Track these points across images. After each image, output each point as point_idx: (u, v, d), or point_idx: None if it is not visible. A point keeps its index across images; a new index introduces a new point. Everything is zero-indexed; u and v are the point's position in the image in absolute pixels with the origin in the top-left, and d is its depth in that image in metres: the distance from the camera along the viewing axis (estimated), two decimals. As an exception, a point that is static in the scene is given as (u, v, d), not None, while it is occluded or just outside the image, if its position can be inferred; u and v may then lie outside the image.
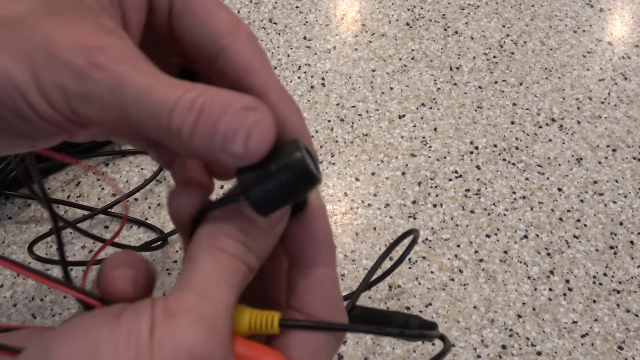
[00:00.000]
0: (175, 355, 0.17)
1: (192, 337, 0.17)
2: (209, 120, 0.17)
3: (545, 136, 0.49)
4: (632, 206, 0.45)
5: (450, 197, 0.45)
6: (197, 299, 0.18)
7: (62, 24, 0.18)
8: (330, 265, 0.22)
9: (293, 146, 0.18)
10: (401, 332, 0.25)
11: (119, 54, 0.18)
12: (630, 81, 0.53)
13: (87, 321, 0.18)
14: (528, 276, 0.41)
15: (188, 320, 0.17)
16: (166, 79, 0.18)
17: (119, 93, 0.17)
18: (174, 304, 0.18)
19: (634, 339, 0.39)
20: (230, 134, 0.17)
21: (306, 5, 0.59)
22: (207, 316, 0.18)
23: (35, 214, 0.44)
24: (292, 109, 0.21)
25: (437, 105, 0.51)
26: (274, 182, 0.18)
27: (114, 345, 0.17)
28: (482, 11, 0.59)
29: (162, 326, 0.17)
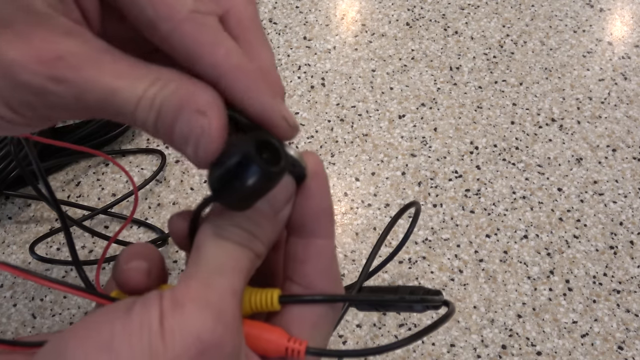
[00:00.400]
0: (185, 342, 0.17)
1: (201, 323, 0.17)
2: (166, 122, 0.18)
3: (545, 136, 0.49)
4: (632, 206, 0.45)
5: (450, 197, 0.45)
6: (203, 286, 0.18)
7: (15, 40, 0.18)
8: (329, 238, 0.22)
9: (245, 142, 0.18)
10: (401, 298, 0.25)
11: (79, 59, 0.18)
12: (630, 81, 0.53)
13: (99, 317, 0.18)
14: (528, 276, 0.41)
15: (195, 307, 0.18)
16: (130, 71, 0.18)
17: (83, 100, 0.18)
18: (181, 293, 0.18)
19: (634, 339, 0.39)
20: (183, 140, 0.18)
21: (306, 5, 0.59)
22: (213, 302, 0.18)
23: (35, 214, 0.44)
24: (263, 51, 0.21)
25: (437, 105, 0.51)
26: (235, 182, 0.18)
27: (127, 338, 0.17)
28: (482, 11, 0.59)
29: (170, 316, 0.18)
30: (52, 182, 0.46)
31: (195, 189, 0.46)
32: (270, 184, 0.19)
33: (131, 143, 0.49)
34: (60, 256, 0.42)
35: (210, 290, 0.18)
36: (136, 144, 0.49)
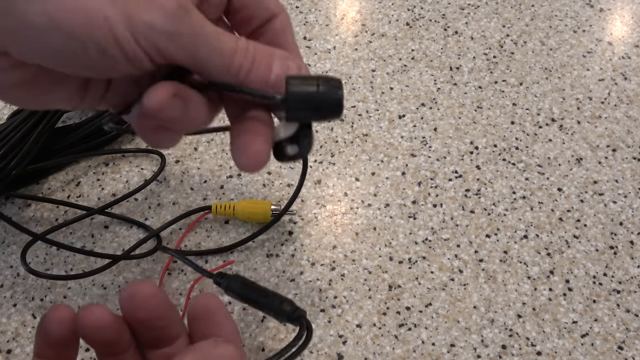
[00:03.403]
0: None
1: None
2: (262, 65, 0.23)
3: (545, 136, 0.49)
4: (632, 206, 0.45)
5: (450, 197, 0.45)
6: None
7: None
8: None
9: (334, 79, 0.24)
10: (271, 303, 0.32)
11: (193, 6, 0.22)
12: (630, 81, 0.53)
13: None
14: (528, 276, 0.41)
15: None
16: (221, 29, 0.23)
17: (199, 35, 0.22)
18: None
19: (634, 339, 0.39)
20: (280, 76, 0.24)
21: (306, 5, 0.59)
22: None
23: (35, 214, 0.44)
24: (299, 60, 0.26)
25: (437, 105, 0.51)
26: (312, 89, 0.23)
27: None
28: (482, 11, 0.59)
29: None
30: (52, 182, 0.46)
31: (195, 189, 0.46)
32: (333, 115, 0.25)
33: (131, 143, 0.49)
34: (60, 256, 0.42)
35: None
36: (136, 144, 0.49)
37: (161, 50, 0.22)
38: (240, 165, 0.25)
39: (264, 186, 0.46)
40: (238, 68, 0.23)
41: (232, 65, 0.23)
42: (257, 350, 0.38)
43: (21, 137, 0.41)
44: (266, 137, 0.25)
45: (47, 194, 0.45)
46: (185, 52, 0.22)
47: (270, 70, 0.23)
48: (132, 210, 0.44)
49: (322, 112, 0.24)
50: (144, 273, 0.41)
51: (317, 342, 0.38)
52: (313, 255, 0.42)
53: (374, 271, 0.41)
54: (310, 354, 0.38)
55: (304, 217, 0.44)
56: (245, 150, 0.25)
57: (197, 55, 0.22)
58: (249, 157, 0.25)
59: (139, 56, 0.22)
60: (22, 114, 0.43)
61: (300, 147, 0.26)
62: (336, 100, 0.24)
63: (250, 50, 0.23)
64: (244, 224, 0.44)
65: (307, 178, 0.46)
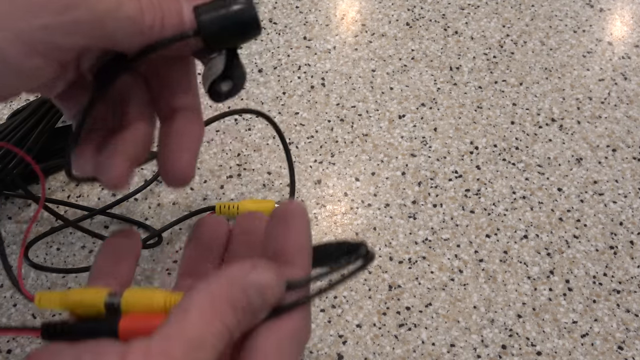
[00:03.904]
0: None
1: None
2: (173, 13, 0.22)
3: (545, 136, 0.49)
4: (632, 206, 0.45)
5: (450, 197, 0.45)
6: (183, 352, 0.18)
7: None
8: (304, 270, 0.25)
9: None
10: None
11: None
12: (630, 81, 0.53)
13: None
14: (528, 276, 0.41)
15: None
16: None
17: (97, 11, 0.20)
18: (158, 350, 0.18)
19: (634, 339, 0.39)
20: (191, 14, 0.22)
21: (306, 5, 0.59)
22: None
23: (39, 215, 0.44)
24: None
25: (437, 105, 0.51)
26: (223, 11, 0.22)
27: None
28: (482, 11, 0.59)
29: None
30: (52, 182, 0.46)
31: (195, 189, 0.46)
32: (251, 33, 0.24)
33: (131, 143, 0.49)
34: (60, 256, 0.42)
35: (191, 357, 0.18)
36: (136, 144, 0.49)
37: (61, 46, 0.20)
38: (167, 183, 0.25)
39: (264, 186, 0.46)
40: (151, 25, 0.22)
41: (144, 25, 0.21)
42: (257, 350, 0.38)
43: (21, 137, 0.41)
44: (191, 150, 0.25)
45: (47, 194, 0.45)
46: (93, 36, 0.21)
47: (182, 15, 0.22)
48: (132, 210, 0.44)
49: (240, 31, 0.23)
50: (144, 273, 0.41)
51: (317, 342, 0.38)
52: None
53: (374, 271, 0.41)
54: (310, 354, 0.38)
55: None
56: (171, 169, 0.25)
57: (107, 32, 0.21)
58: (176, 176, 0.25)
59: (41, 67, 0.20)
60: (22, 114, 0.43)
61: (234, 79, 0.25)
62: (250, 13, 0.23)
63: (155, 2, 0.22)
64: (244, 224, 0.44)
65: (307, 178, 0.46)
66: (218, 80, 0.25)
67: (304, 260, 0.24)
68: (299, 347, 0.23)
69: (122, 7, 0.21)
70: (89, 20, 0.20)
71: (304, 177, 0.46)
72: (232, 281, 0.20)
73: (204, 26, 0.22)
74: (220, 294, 0.20)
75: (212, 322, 0.19)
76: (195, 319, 0.19)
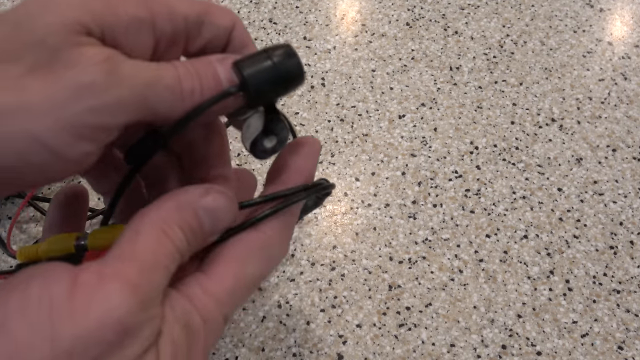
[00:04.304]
0: (102, 320, 0.17)
1: (126, 307, 0.17)
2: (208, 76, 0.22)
3: (545, 136, 0.49)
4: (632, 206, 0.45)
5: (450, 197, 0.45)
6: (137, 272, 0.18)
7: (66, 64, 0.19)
8: None
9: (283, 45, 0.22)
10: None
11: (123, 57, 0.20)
12: (630, 81, 0.53)
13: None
14: (528, 276, 0.41)
15: (126, 290, 0.18)
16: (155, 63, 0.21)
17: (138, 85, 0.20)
18: (111, 271, 0.18)
19: (634, 339, 0.39)
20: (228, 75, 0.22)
21: (306, 5, 0.59)
22: (144, 291, 0.18)
23: (36, 214, 0.44)
24: None
25: (437, 105, 0.51)
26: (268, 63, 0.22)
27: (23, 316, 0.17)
28: (482, 11, 0.59)
29: (91, 290, 0.17)
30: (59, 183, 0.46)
31: (195, 189, 0.46)
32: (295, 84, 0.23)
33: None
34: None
35: (144, 278, 0.18)
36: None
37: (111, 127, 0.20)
38: None
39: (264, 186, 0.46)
40: (191, 90, 0.21)
41: (184, 91, 0.21)
42: (257, 350, 0.38)
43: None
44: None
45: (47, 194, 0.45)
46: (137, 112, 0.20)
47: (218, 76, 0.22)
48: (132, 210, 0.45)
49: (286, 82, 0.22)
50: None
51: (317, 342, 0.38)
52: (313, 255, 0.42)
53: (374, 271, 0.41)
54: (310, 354, 0.38)
55: (303, 217, 0.44)
56: None
57: (149, 105, 0.20)
58: None
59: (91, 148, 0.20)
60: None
61: (278, 135, 0.24)
62: (294, 62, 0.22)
63: (190, 68, 0.21)
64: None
65: (307, 178, 0.46)
66: (260, 137, 0.24)
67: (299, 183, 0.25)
68: (269, 261, 0.23)
69: (162, 78, 0.20)
70: (132, 97, 0.19)
71: (304, 177, 0.46)
72: (183, 204, 0.21)
73: (249, 81, 0.22)
74: (171, 215, 0.20)
75: (163, 243, 0.20)
76: (147, 240, 0.19)
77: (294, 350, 0.38)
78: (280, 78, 0.22)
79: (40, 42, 0.18)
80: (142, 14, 0.21)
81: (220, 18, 0.23)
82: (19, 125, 0.18)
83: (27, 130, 0.18)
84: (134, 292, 0.18)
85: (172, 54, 0.23)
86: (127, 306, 0.17)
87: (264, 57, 0.22)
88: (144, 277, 0.18)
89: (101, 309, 0.17)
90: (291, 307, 0.40)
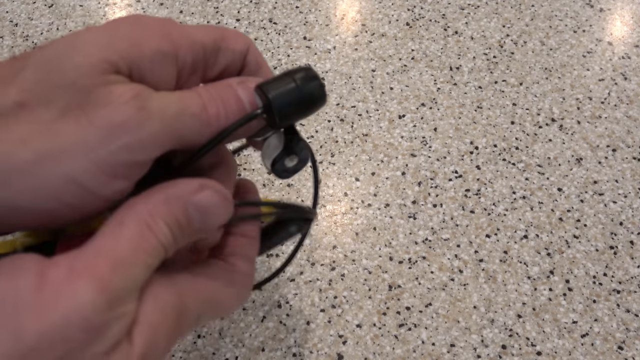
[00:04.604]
0: (68, 317, 0.17)
1: (92, 305, 0.17)
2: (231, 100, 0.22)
3: (545, 136, 0.49)
4: (632, 206, 0.45)
5: (450, 197, 0.45)
6: (110, 269, 0.18)
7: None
8: None
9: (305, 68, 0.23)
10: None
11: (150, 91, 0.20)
12: (630, 81, 0.53)
13: None
14: (528, 276, 0.41)
15: (94, 287, 0.17)
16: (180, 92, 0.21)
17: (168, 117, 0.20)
18: (82, 266, 0.18)
19: (634, 339, 0.39)
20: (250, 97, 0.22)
21: (306, 5, 0.59)
22: (115, 289, 0.18)
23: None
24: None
25: (437, 105, 0.51)
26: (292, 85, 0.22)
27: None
28: (482, 11, 0.59)
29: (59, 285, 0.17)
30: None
31: (195, 189, 0.46)
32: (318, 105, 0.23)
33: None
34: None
35: (117, 275, 0.18)
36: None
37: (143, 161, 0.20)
38: None
39: (264, 186, 0.46)
40: (216, 115, 0.21)
41: (210, 119, 0.21)
42: (257, 350, 0.38)
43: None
44: None
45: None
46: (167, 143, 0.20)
47: (240, 100, 0.22)
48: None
49: (309, 105, 0.23)
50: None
51: (317, 342, 0.38)
52: (313, 255, 0.42)
53: (374, 271, 0.41)
54: (310, 354, 0.38)
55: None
56: None
57: (178, 135, 0.20)
58: None
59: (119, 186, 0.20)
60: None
61: (299, 154, 0.25)
62: (319, 88, 0.23)
63: (213, 93, 0.22)
64: (244, 224, 0.44)
65: (307, 178, 0.46)
66: (280, 157, 0.25)
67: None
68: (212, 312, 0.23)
69: (188, 107, 0.21)
70: (163, 129, 0.20)
71: (304, 177, 0.46)
72: (172, 198, 0.20)
73: (274, 103, 0.22)
74: (158, 209, 0.20)
75: (146, 238, 0.19)
76: (129, 234, 0.19)
77: (294, 350, 0.38)
78: (304, 100, 0.22)
79: (71, 84, 0.19)
80: (166, 47, 0.21)
81: (235, 43, 0.24)
82: (55, 169, 0.18)
83: (63, 173, 0.18)
84: (102, 289, 0.17)
85: (192, 82, 0.23)
86: (94, 304, 0.17)
87: (287, 80, 0.22)
88: (117, 274, 0.18)
89: (67, 306, 0.17)
90: (291, 307, 0.40)
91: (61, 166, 0.18)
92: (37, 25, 0.58)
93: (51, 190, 0.19)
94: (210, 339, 0.39)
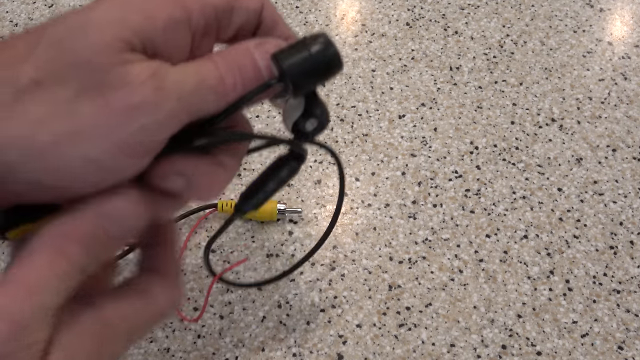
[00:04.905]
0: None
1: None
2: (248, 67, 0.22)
3: (545, 136, 0.49)
4: (632, 206, 0.45)
5: (450, 197, 0.45)
6: (12, 299, 0.18)
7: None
8: None
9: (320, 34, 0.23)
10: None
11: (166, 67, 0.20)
12: (630, 81, 0.53)
13: None
14: (528, 276, 0.41)
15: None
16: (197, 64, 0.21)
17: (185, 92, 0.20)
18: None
19: (634, 339, 0.39)
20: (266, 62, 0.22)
21: (306, 5, 0.59)
22: (20, 319, 0.18)
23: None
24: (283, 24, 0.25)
25: (437, 105, 0.51)
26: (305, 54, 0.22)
27: None
28: (482, 11, 0.59)
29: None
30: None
31: (195, 189, 0.46)
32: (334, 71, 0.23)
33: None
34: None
35: (23, 306, 0.18)
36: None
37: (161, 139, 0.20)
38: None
39: (264, 186, 0.46)
40: (233, 87, 0.21)
41: (227, 90, 0.21)
42: (257, 350, 0.38)
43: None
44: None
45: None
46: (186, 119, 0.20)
47: (257, 66, 0.22)
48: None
49: (324, 71, 0.23)
50: (144, 273, 0.41)
51: (317, 342, 0.38)
52: (313, 255, 0.42)
53: (374, 271, 0.41)
54: (310, 354, 0.38)
55: (304, 217, 0.44)
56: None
57: (196, 109, 0.21)
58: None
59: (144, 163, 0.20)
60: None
61: (319, 117, 0.25)
62: (332, 51, 0.23)
63: (230, 62, 0.21)
64: (243, 224, 0.44)
65: (307, 178, 0.46)
66: (301, 120, 0.25)
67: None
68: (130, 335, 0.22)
69: (205, 80, 0.21)
70: (181, 107, 0.20)
71: (304, 177, 0.46)
72: (84, 216, 0.20)
73: (289, 72, 0.22)
74: (70, 231, 0.20)
75: (56, 264, 0.19)
76: (38, 262, 0.19)
77: (294, 350, 0.38)
78: (319, 68, 0.22)
79: (86, 63, 0.19)
80: (178, 14, 0.21)
81: (249, 1, 0.23)
82: (74, 150, 0.18)
83: (82, 154, 0.19)
84: (6, 320, 0.17)
85: (206, 44, 0.23)
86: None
87: (301, 48, 0.22)
88: (24, 304, 0.18)
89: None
90: (291, 307, 0.40)
91: (80, 148, 0.18)
92: (37, 25, 0.58)
93: (70, 169, 0.19)
94: (210, 339, 0.39)
